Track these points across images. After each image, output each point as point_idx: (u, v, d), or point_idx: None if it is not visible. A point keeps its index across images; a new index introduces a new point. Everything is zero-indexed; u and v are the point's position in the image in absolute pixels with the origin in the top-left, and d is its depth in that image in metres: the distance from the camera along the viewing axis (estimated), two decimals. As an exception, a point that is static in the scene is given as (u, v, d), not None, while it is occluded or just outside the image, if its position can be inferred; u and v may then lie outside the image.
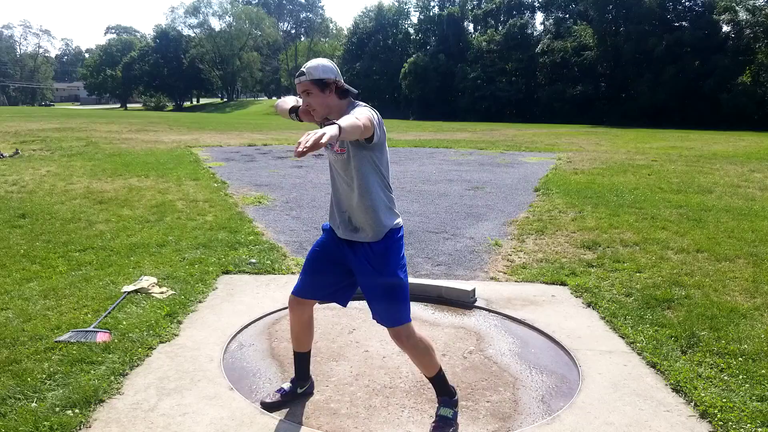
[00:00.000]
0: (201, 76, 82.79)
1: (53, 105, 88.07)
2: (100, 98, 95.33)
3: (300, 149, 1.97)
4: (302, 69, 2.57)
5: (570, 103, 43.35)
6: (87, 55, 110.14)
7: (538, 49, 47.62)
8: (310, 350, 3.05)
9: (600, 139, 21.79)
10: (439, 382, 2.83)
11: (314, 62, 2.59)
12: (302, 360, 3.04)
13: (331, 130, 2.09)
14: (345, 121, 2.24)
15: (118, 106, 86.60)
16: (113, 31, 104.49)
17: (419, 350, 2.76)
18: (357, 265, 2.72)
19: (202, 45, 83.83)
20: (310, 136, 2.00)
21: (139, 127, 24.05)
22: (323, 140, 2.01)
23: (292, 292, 2.88)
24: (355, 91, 2.66)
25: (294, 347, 3.02)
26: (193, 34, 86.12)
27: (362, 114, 2.41)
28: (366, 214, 2.65)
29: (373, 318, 2.78)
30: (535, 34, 51.76)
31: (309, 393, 3.07)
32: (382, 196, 2.67)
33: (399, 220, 2.75)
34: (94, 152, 14.04)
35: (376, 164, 2.63)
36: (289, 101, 2.87)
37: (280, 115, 2.96)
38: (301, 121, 2.75)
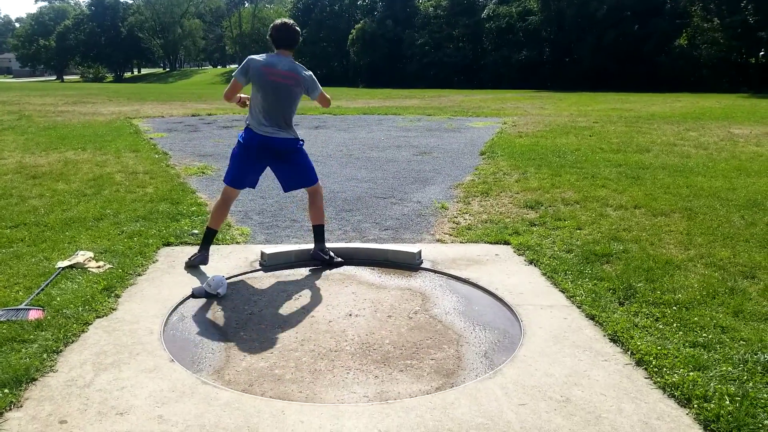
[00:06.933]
0: (141, 45, 79.59)
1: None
2: (34, 70, 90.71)
3: None
4: None
5: (515, 68, 43.72)
6: (18, 25, 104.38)
7: (483, 14, 47.60)
8: None
9: (544, 103, 22.10)
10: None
11: None
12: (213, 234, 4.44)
13: None
14: None
15: (54, 78, 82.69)
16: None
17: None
18: (285, 153, 4.29)
19: (140, 12, 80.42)
20: None
21: (75, 99, 23.07)
22: None
23: (231, 185, 4.51)
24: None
25: (214, 226, 4.38)
26: (130, 1, 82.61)
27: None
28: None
29: (294, 188, 4.50)
30: (480, -1, 51.67)
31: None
32: None
33: None
34: (27, 126, 13.39)
35: None
36: None
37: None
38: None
